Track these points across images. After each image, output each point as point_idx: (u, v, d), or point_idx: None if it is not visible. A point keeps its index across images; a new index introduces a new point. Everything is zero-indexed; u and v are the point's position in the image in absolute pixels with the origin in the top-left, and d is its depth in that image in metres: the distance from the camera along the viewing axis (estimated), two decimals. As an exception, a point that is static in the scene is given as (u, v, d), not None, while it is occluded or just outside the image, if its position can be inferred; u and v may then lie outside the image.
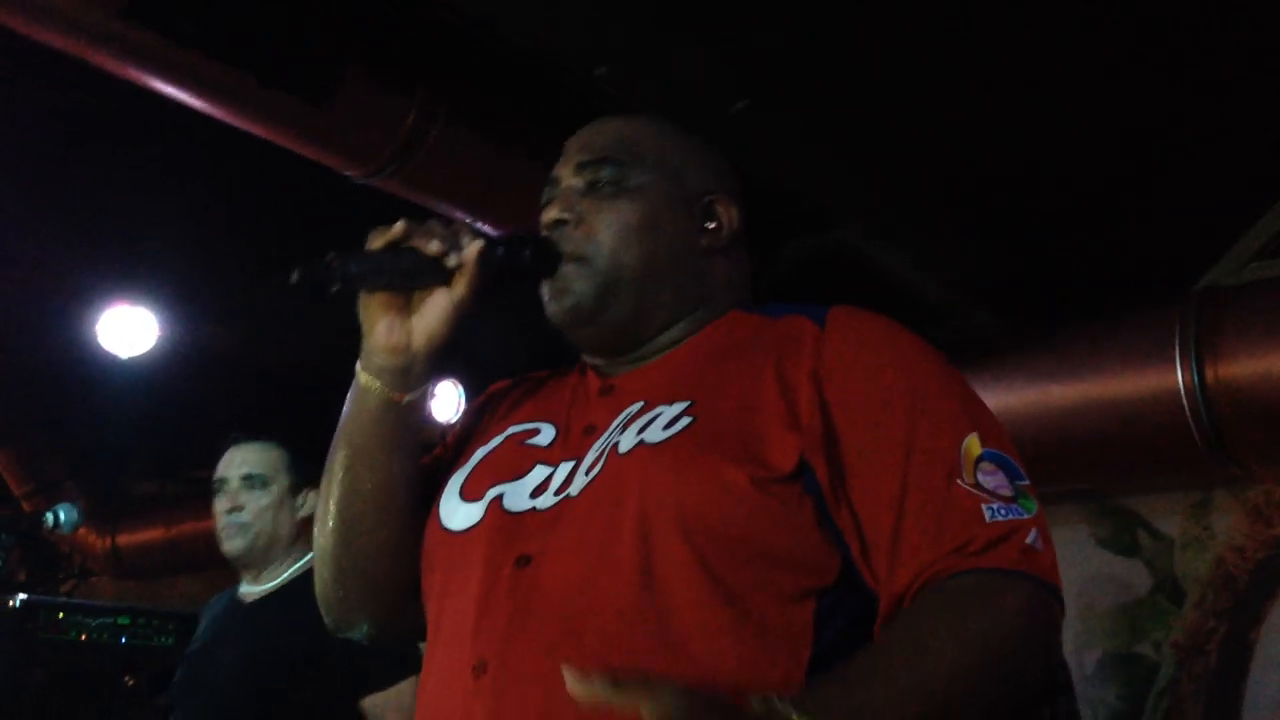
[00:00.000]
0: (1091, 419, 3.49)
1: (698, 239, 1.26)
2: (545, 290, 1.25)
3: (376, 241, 1.17)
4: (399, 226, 1.17)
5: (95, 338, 3.84)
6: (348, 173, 2.88)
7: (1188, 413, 3.36)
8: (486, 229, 3.04)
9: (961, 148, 2.96)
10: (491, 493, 1.17)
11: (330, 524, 1.22)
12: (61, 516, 4.01)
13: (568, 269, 1.22)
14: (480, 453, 1.25)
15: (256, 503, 2.51)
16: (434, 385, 1.26)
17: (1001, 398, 3.46)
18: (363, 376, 1.21)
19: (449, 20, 2.82)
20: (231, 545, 2.51)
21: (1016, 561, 1.03)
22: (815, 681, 0.94)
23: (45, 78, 2.73)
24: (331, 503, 1.22)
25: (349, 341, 1.24)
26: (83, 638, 3.52)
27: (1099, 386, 3.51)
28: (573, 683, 0.85)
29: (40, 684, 3.45)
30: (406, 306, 1.19)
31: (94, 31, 2.38)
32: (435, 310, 1.19)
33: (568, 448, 1.18)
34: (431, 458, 1.32)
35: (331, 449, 1.24)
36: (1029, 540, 1.04)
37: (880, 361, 1.13)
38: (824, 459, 1.07)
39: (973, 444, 1.07)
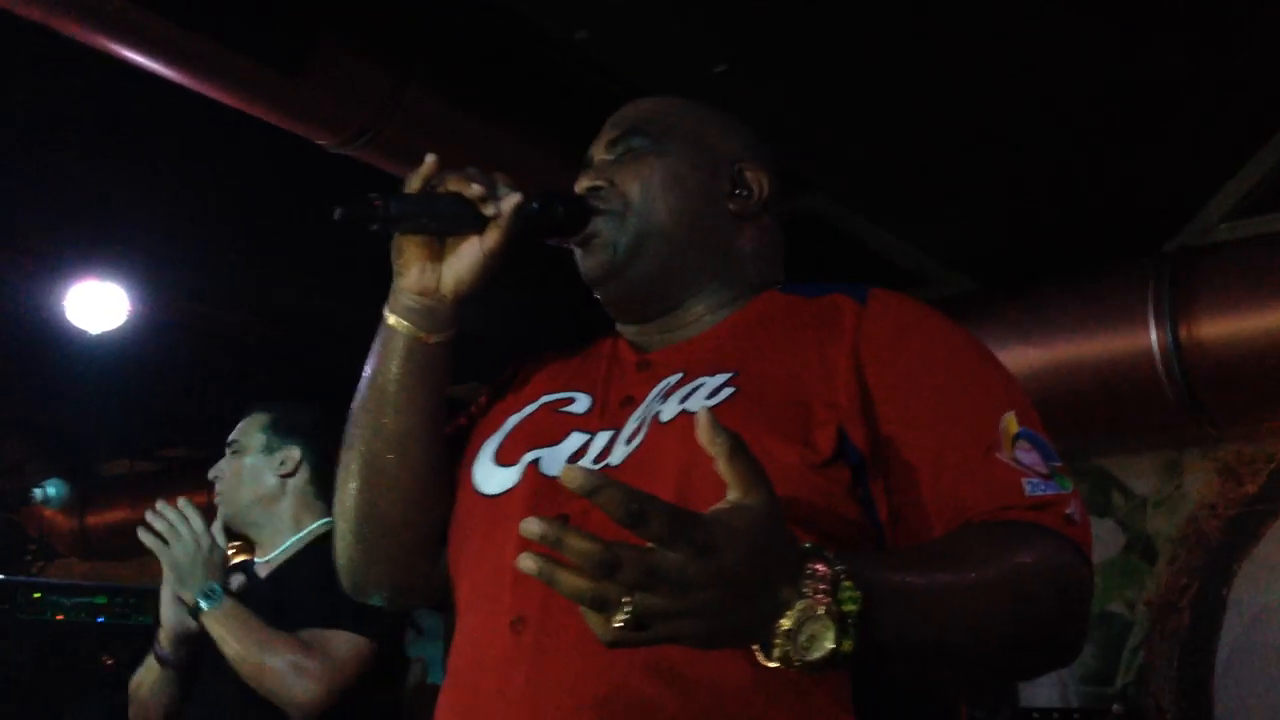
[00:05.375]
0: (1067, 380, 3.51)
1: (725, 203, 1.29)
2: (578, 249, 1.27)
3: (414, 182, 1.17)
4: (430, 160, 1.18)
5: (64, 313, 3.78)
6: (320, 142, 2.84)
7: (1161, 373, 3.39)
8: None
9: (936, 113, 2.96)
10: (527, 457, 1.17)
11: (353, 467, 1.22)
12: (51, 492, 3.94)
13: (599, 223, 1.25)
14: (513, 419, 1.24)
15: (230, 467, 2.49)
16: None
17: (977, 361, 3.47)
18: (390, 317, 1.21)
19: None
20: (220, 514, 2.48)
21: (1059, 526, 1.04)
22: (861, 555, 0.94)
23: (11, 49, 2.67)
24: (356, 445, 1.22)
25: (321, 315, 1.23)
26: (59, 618, 3.48)
27: (1074, 348, 3.53)
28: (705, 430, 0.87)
29: (27, 663, 3.41)
30: (439, 251, 1.20)
31: (61, -1, 2.33)
32: (467, 258, 1.20)
33: (605, 418, 1.18)
34: (454, 427, 1.31)
35: (356, 396, 1.23)
36: (1069, 511, 1.05)
37: (921, 337, 1.15)
38: (863, 427, 1.08)
39: (1010, 421, 1.08)
